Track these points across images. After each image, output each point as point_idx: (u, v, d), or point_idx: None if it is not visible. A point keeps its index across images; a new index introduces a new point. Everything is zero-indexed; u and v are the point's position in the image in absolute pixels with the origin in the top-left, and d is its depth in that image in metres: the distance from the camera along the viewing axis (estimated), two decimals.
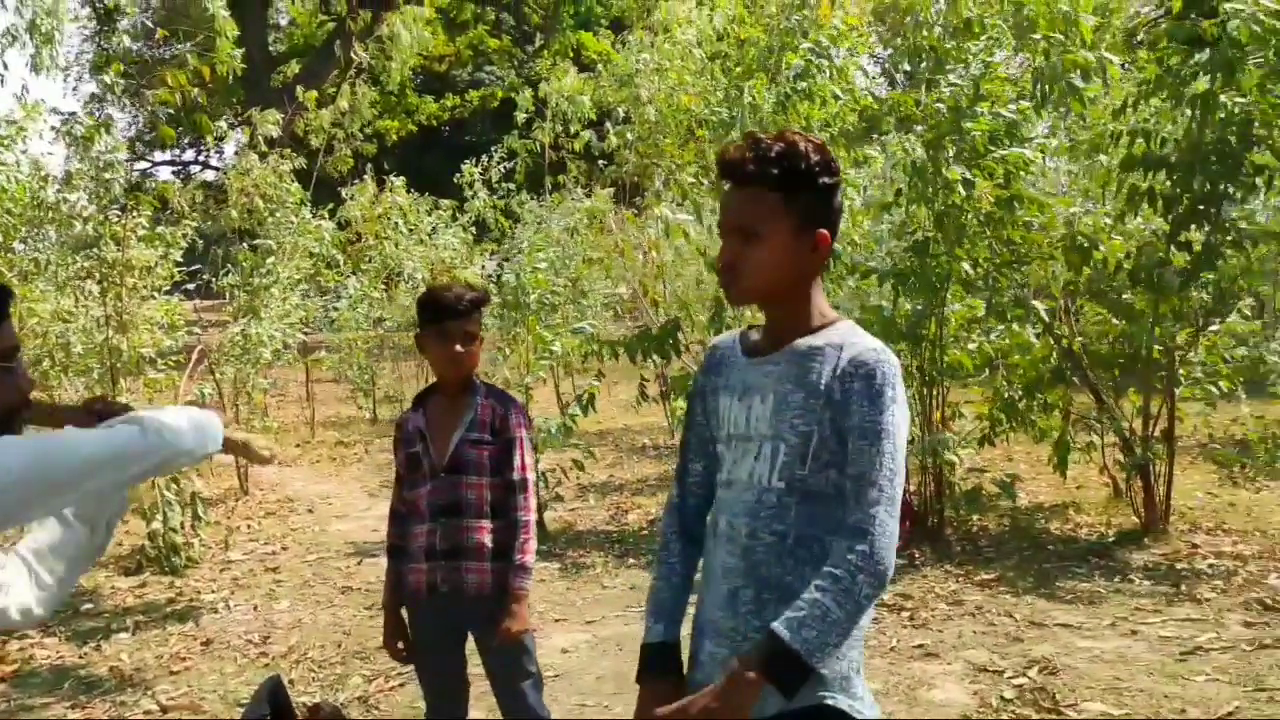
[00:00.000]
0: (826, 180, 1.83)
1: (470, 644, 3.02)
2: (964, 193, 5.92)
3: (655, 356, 6.78)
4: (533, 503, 2.90)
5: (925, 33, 6.83)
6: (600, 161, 11.32)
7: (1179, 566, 5.72)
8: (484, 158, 13.04)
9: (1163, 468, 6.31)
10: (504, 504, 2.88)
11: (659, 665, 1.94)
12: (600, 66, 13.24)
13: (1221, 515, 6.78)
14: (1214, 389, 6.31)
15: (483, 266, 12.97)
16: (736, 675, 1.69)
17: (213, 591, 6.02)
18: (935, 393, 6.61)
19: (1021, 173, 6.24)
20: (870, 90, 7.60)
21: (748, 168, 1.81)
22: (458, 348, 2.83)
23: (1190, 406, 6.82)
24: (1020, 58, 6.84)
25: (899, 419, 1.78)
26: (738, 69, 10.47)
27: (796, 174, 1.81)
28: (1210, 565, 5.71)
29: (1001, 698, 4.14)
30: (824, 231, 1.85)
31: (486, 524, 2.86)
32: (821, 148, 1.84)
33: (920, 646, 4.72)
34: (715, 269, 1.92)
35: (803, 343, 1.86)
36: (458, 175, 13.28)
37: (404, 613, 3.02)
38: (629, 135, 10.81)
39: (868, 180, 8.92)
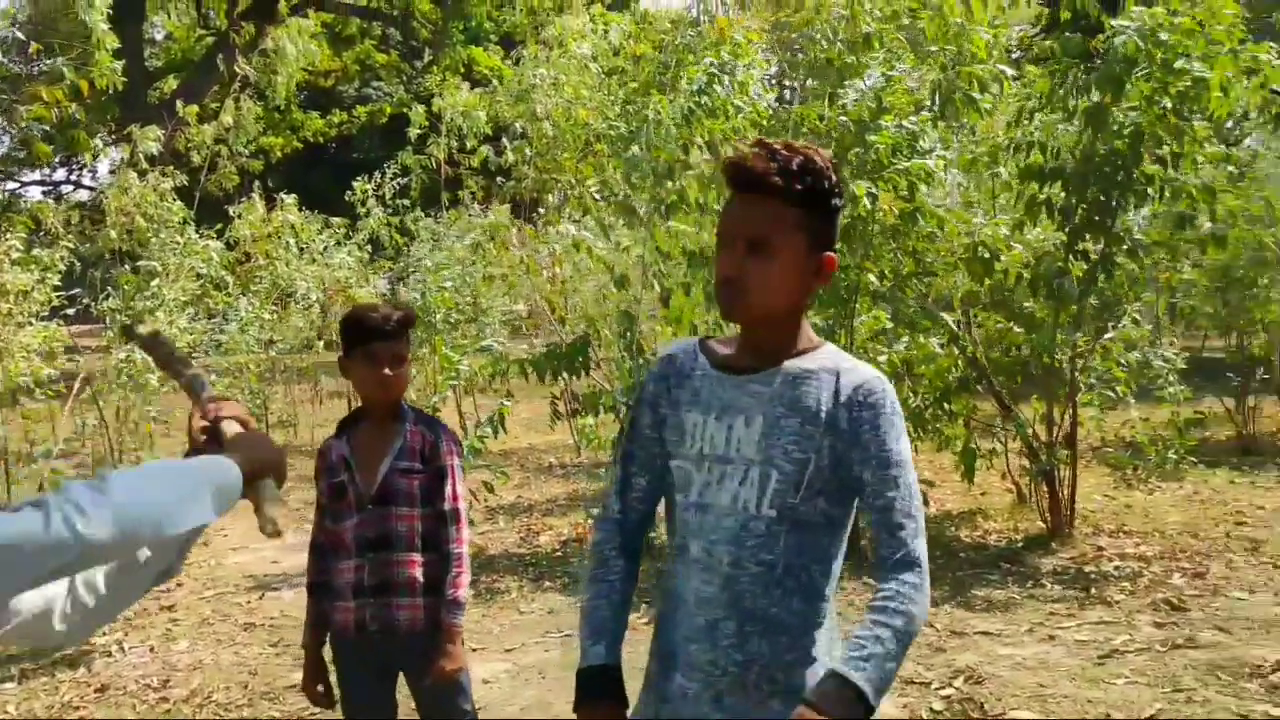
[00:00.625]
0: (837, 202, 1.78)
1: (401, 683, 2.87)
2: (869, 205, 5.96)
3: (565, 374, 6.67)
4: (465, 534, 2.76)
5: (825, 45, 6.89)
6: (499, 178, 11.16)
7: (1087, 570, 5.84)
8: (377, 174, 12.76)
9: (1066, 472, 6.45)
10: (435, 536, 2.74)
11: (600, 690, 1.80)
12: (495, 82, 13.11)
13: (1121, 517, 6.97)
14: (1111, 394, 6.49)
15: (375, 286, 12.69)
16: None
17: (104, 634, 5.67)
18: None
19: (922, 185, 6.33)
20: (771, 104, 7.60)
21: (771, 178, 1.70)
22: (386, 370, 2.68)
23: (1084, 411, 7.00)
24: (918, 71, 6.93)
25: (908, 447, 1.75)
26: (633, 84, 10.47)
27: (817, 192, 1.73)
28: (1116, 567, 5.85)
29: (931, 709, 4.13)
30: (831, 255, 1.78)
31: (418, 557, 2.71)
32: (837, 167, 1.79)
33: None
34: (716, 283, 1.76)
35: (794, 365, 1.78)
36: (349, 193, 12.98)
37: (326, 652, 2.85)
38: (527, 151, 10.70)
39: None
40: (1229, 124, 7.91)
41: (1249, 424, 9.60)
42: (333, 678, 2.89)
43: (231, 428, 1.61)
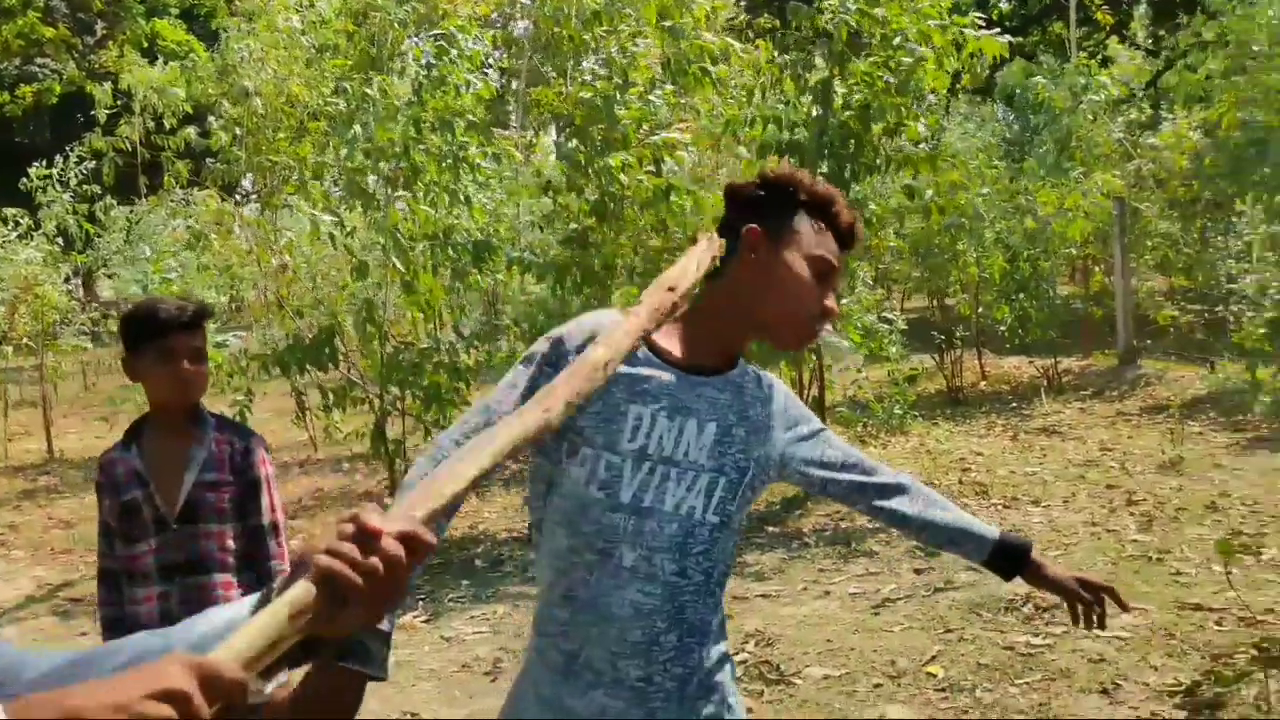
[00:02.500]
0: None
1: None
2: (624, 180, 5.94)
3: (310, 368, 6.26)
4: (286, 549, 2.46)
5: (564, 20, 6.80)
6: (207, 159, 10.32)
7: (844, 525, 6.12)
8: (59, 159, 11.47)
9: None
10: (252, 554, 2.42)
11: None
12: (189, 57, 12.12)
13: None
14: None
15: (67, 279, 11.46)
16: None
17: None
18: None
19: (669, 159, 6.38)
20: (501, 80, 7.45)
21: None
22: (185, 365, 2.32)
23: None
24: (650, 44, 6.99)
25: None
26: (347, 60, 9.98)
27: None
28: (869, 521, 6.17)
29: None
30: None
31: (233, 579, 2.38)
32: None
33: None
34: (815, 314, 1.71)
35: (737, 371, 1.74)
36: (23, 180, 11.60)
37: None
38: (237, 130, 9.97)
39: (511, 171, 8.81)
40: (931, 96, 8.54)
41: (955, 377, 10.45)
42: None
43: None
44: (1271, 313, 8.15)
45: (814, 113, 6.43)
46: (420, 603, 5.39)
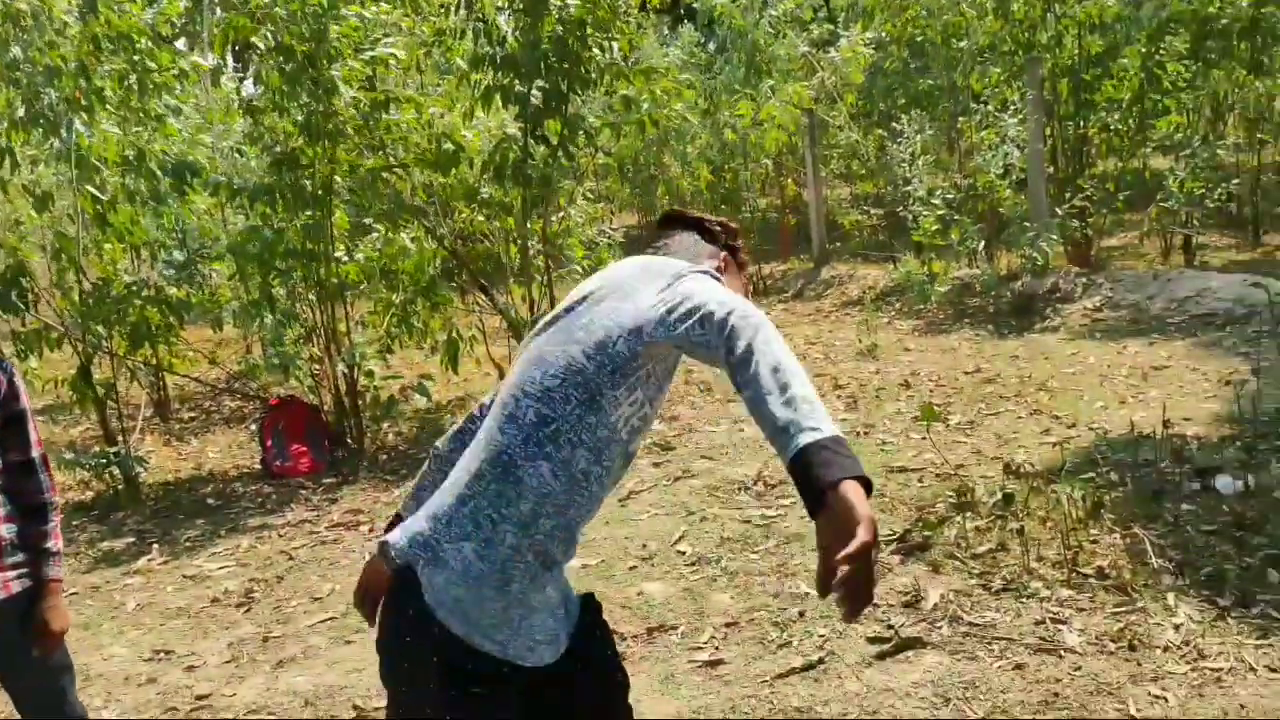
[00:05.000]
0: None
1: None
2: (346, 96, 5.75)
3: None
4: (53, 480, 2.32)
5: None
6: None
7: None
8: None
9: None
10: (18, 489, 2.26)
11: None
12: None
13: None
14: (579, 269, 7.00)
15: None
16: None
17: None
18: (334, 307, 6.46)
19: (386, 74, 6.23)
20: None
21: None
22: None
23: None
24: None
25: None
26: None
27: None
28: None
29: None
30: None
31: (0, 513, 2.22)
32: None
33: None
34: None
35: None
36: None
37: None
38: None
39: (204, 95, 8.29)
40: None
41: None
42: None
43: None
44: (942, 210, 9.06)
45: (526, 27, 6.44)
46: (154, 545, 5.14)
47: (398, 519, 1.88)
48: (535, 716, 1.69)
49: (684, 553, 4.29)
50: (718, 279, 1.69)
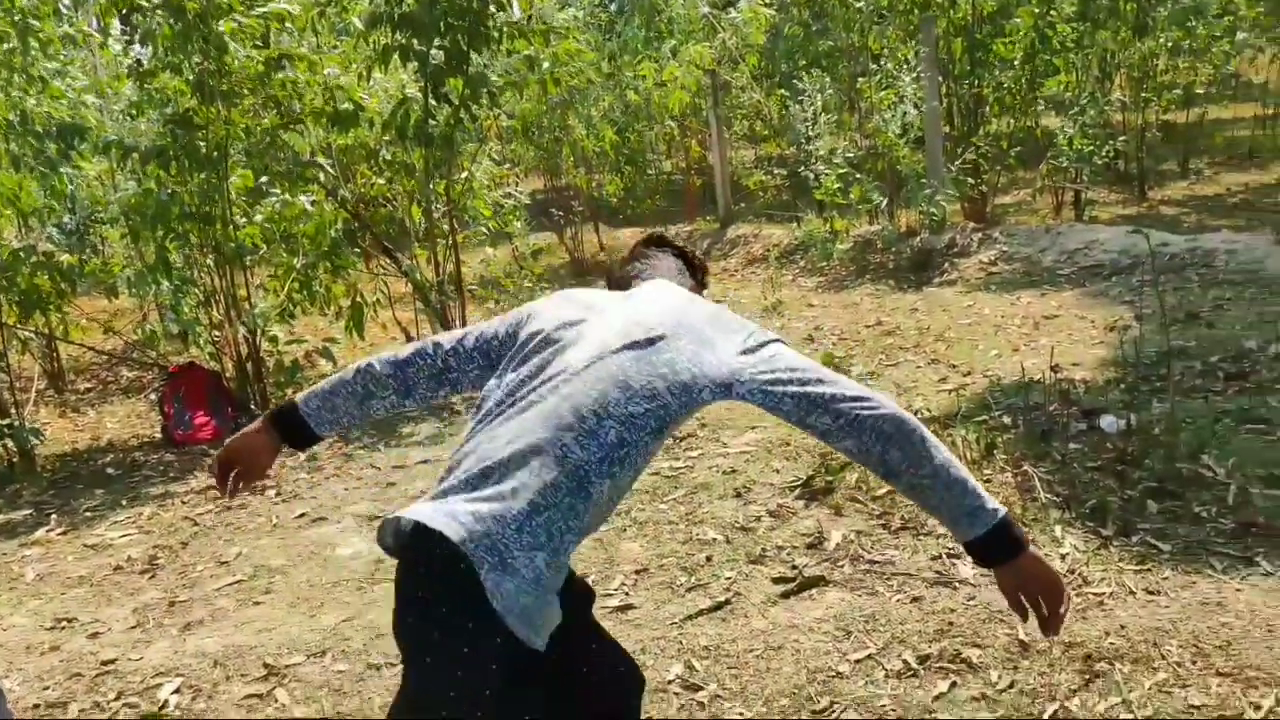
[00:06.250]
0: None
1: None
2: (240, 53, 5.60)
3: None
4: None
5: None
6: None
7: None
8: None
9: (456, 310, 6.85)
10: None
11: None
12: None
13: None
14: (485, 231, 6.97)
15: None
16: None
17: None
18: (233, 272, 6.33)
19: (280, 31, 6.09)
20: None
21: None
22: None
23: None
24: None
25: None
26: None
27: None
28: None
29: None
30: None
31: None
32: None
33: (303, 515, 4.65)
34: None
35: None
36: None
37: None
38: None
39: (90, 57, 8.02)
40: None
41: (577, 250, 10.92)
42: None
43: None
44: (844, 169, 9.22)
45: None
46: (52, 516, 5.01)
47: (291, 406, 1.97)
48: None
49: None
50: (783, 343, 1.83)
